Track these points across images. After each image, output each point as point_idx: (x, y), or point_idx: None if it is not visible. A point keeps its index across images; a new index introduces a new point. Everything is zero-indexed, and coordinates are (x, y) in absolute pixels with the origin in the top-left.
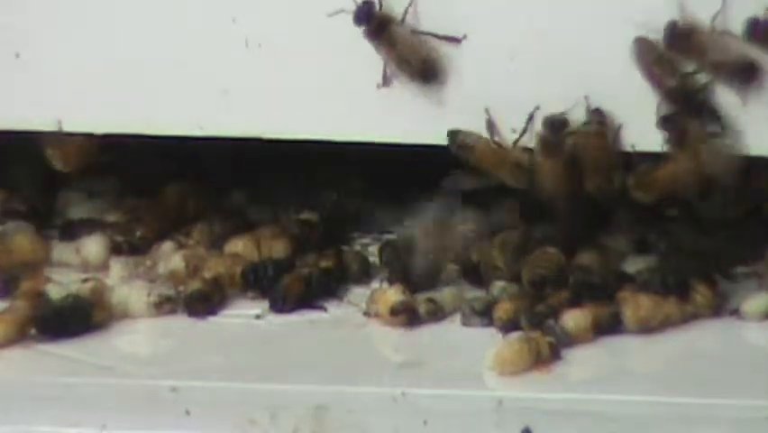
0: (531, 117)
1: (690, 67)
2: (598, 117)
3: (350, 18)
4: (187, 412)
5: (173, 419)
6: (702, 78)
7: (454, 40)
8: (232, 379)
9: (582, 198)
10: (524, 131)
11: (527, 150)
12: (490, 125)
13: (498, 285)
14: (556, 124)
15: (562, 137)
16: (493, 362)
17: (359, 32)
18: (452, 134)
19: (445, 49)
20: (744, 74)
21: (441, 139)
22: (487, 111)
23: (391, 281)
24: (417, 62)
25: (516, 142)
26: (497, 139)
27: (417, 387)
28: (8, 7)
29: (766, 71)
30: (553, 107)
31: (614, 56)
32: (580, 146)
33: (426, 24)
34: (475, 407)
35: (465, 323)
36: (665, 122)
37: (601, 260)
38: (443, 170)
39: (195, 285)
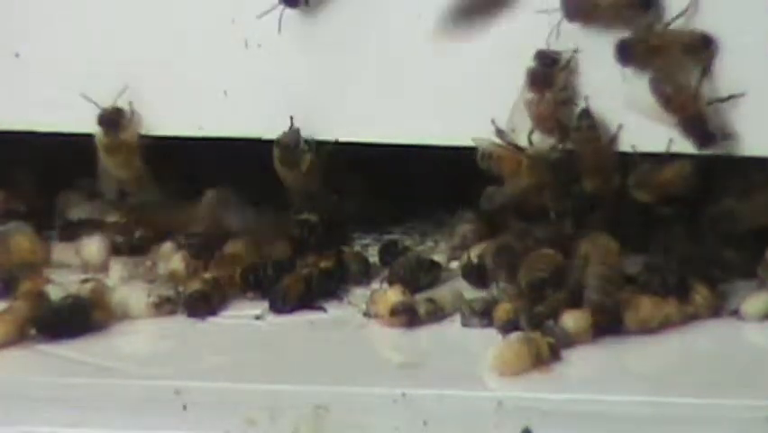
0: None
1: None
2: (587, 121)
3: (348, 18)
4: (187, 412)
5: (173, 420)
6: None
7: None
8: (232, 379)
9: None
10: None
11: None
12: (500, 134)
13: (498, 285)
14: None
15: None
16: (493, 362)
17: (358, 31)
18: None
19: (447, 49)
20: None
21: (441, 139)
22: (493, 122)
23: (391, 282)
24: None
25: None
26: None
27: (417, 387)
28: (8, 7)
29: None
30: None
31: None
32: (577, 147)
33: (423, 23)
34: (475, 407)
35: (465, 323)
36: None
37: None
38: (442, 170)
39: (195, 285)
